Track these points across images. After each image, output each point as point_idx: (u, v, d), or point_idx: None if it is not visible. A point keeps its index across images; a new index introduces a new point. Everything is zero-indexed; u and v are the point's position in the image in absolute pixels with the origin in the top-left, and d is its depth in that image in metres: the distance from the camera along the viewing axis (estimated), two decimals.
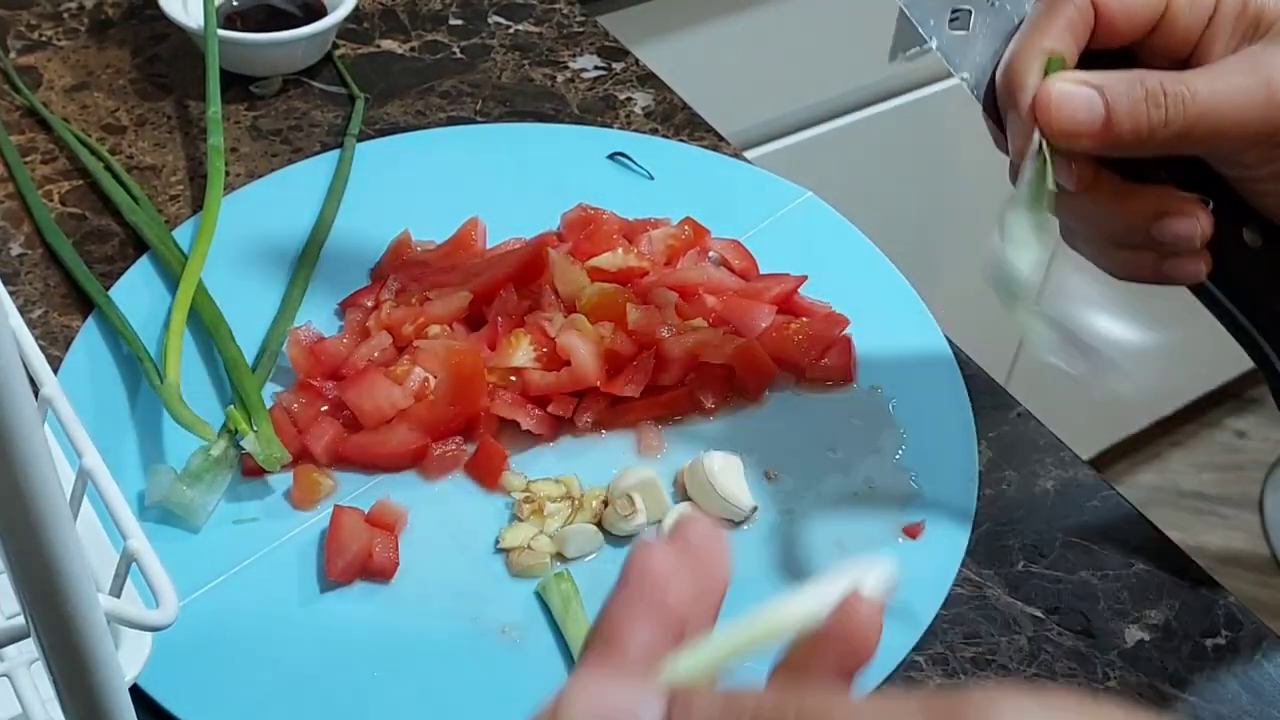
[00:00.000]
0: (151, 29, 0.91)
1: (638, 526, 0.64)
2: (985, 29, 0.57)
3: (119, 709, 0.35)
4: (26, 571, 0.31)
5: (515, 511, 0.65)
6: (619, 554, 0.64)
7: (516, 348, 0.68)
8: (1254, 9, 0.54)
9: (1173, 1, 0.54)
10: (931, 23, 0.56)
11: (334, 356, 0.69)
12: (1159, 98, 0.51)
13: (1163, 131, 0.52)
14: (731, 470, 0.65)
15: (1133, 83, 0.52)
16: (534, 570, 0.63)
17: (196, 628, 0.59)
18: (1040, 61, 0.53)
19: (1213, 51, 0.54)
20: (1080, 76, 0.53)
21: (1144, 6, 0.54)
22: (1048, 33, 0.54)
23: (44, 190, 0.80)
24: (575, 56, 0.91)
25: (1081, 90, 0.52)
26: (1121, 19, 0.54)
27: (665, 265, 0.74)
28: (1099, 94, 0.52)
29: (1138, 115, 0.52)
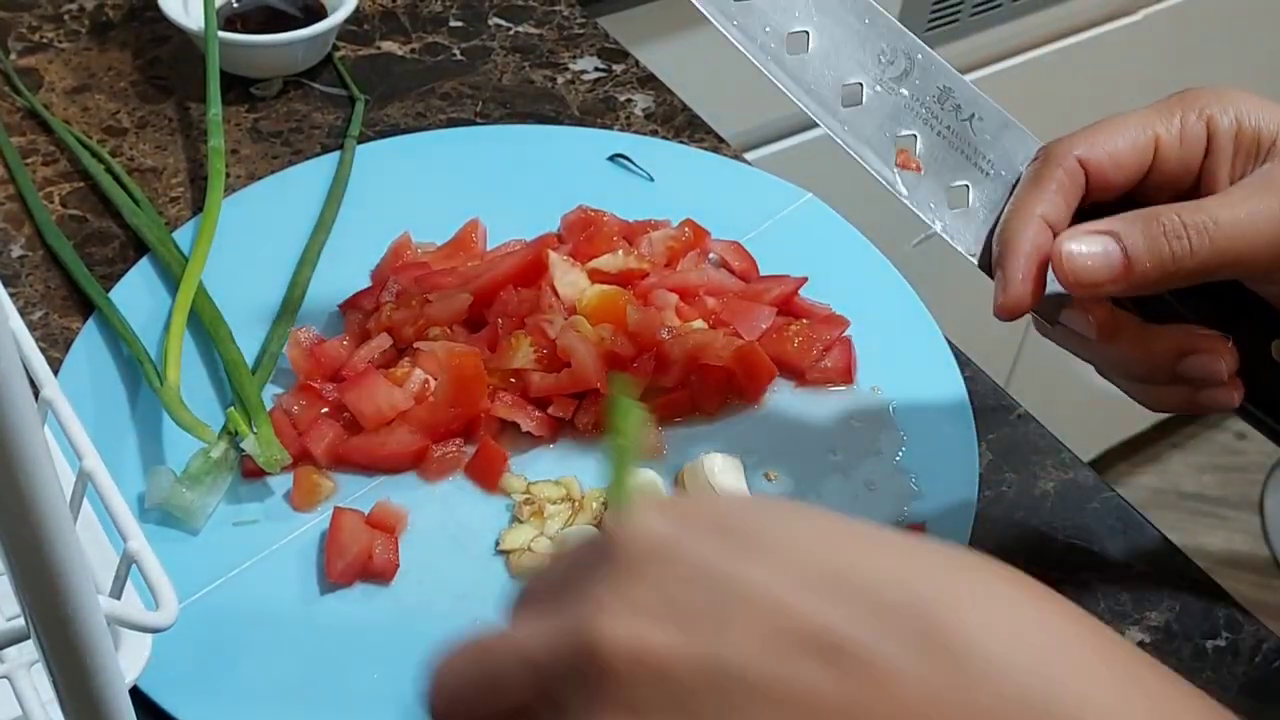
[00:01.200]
0: (152, 31, 0.91)
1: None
2: (981, 200, 0.57)
3: (119, 711, 0.35)
4: (26, 573, 0.31)
5: (515, 513, 0.65)
6: None
7: (517, 349, 0.68)
8: (1250, 131, 0.54)
9: (1161, 143, 0.54)
10: (932, 207, 0.57)
11: (334, 358, 0.69)
12: (1179, 230, 0.52)
13: (1189, 262, 0.52)
14: (731, 472, 0.65)
15: (1148, 220, 0.52)
16: (534, 572, 0.63)
17: (197, 629, 0.59)
18: (1031, 226, 0.54)
19: (1218, 180, 0.54)
20: (1090, 226, 0.53)
21: (1133, 154, 0.54)
22: (1039, 198, 0.54)
23: (45, 192, 0.80)
24: (575, 58, 0.91)
25: (1094, 239, 0.52)
26: (1113, 171, 0.54)
27: (665, 267, 0.74)
28: (1113, 239, 0.52)
29: (1159, 251, 0.52)
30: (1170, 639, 0.63)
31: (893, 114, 0.57)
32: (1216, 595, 0.64)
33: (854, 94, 0.57)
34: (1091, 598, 0.64)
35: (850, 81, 0.57)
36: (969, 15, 1.35)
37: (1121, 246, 0.52)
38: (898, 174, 0.57)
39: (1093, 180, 0.55)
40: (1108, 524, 0.67)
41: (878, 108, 0.57)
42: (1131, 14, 1.49)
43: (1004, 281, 0.54)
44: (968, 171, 0.57)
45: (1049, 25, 1.43)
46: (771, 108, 1.26)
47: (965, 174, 0.57)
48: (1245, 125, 0.54)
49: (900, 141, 0.57)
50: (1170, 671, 0.32)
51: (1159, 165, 0.55)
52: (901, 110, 0.57)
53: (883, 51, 0.57)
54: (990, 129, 0.57)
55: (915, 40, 0.57)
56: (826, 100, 0.57)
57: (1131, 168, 0.54)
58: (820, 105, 0.57)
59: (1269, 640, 0.63)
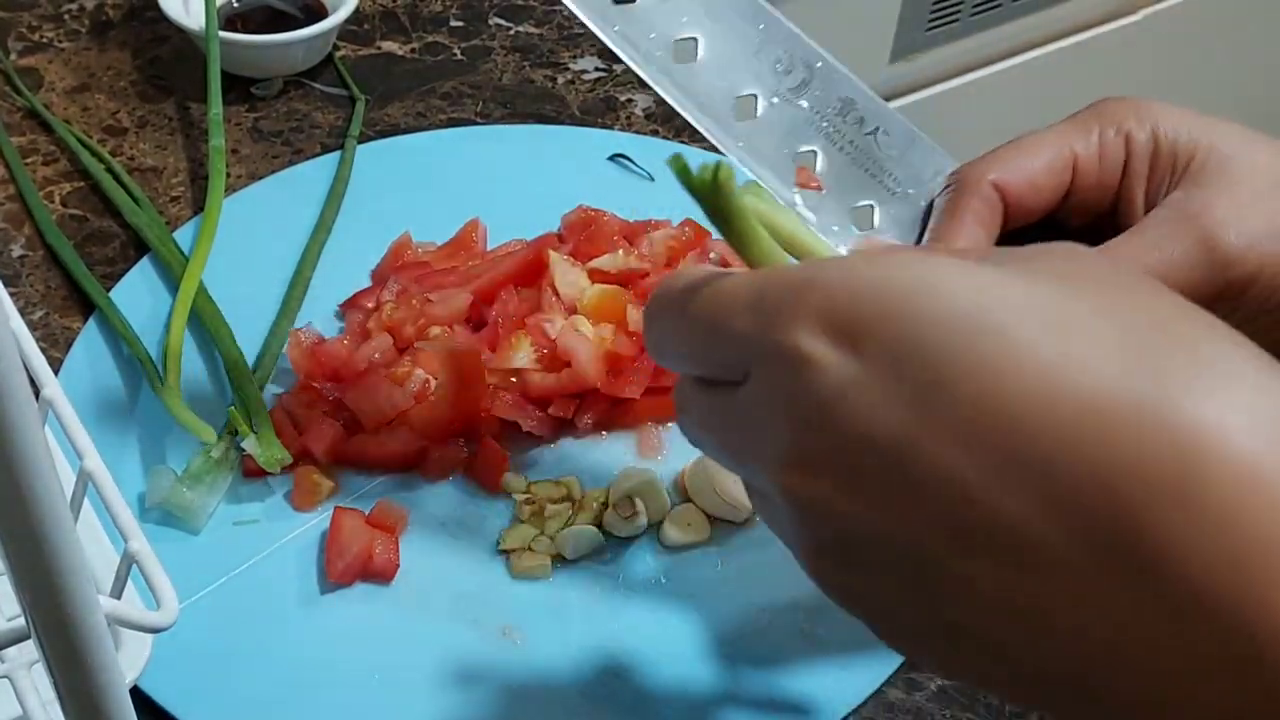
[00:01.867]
0: (152, 30, 0.91)
1: (638, 528, 0.64)
2: (889, 220, 0.54)
3: (119, 711, 0.35)
4: (27, 573, 0.31)
5: (516, 513, 0.65)
6: (619, 556, 0.64)
7: (517, 349, 0.68)
8: (1166, 148, 0.51)
9: (1079, 162, 0.51)
10: (835, 229, 0.53)
11: (335, 358, 0.69)
12: None
13: None
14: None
15: None
16: (534, 572, 0.63)
17: (197, 629, 0.59)
18: None
19: (1134, 199, 0.51)
20: None
21: (1049, 177, 0.51)
22: (957, 232, 0.51)
23: (45, 192, 0.80)
24: (576, 58, 0.91)
25: None
26: (1029, 196, 0.51)
27: (666, 267, 0.74)
28: None
29: None
30: None
31: (791, 128, 0.53)
32: None
33: (748, 107, 0.52)
34: None
35: (744, 93, 0.52)
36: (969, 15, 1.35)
37: None
38: (797, 193, 0.53)
39: (1010, 206, 0.52)
40: None
41: (775, 121, 0.53)
42: (1131, 14, 1.49)
43: None
44: (873, 190, 0.53)
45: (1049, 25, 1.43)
46: None
47: (870, 193, 0.53)
48: (1162, 142, 0.51)
49: (799, 159, 0.53)
50: None
51: (1077, 186, 0.52)
52: (801, 124, 0.53)
53: (779, 60, 0.53)
54: (896, 144, 0.54)
55: (815, 47, 0.53)
56: (719, 114, 0.52)
57: (1049, 191, 0.52)
58: (713, 120, 0.52)
59: None
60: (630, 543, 0.64)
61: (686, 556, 0.64)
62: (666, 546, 0.64)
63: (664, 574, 0.63)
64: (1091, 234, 0.51)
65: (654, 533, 0.65)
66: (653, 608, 0.62)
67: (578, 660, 0.60)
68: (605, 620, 0.61)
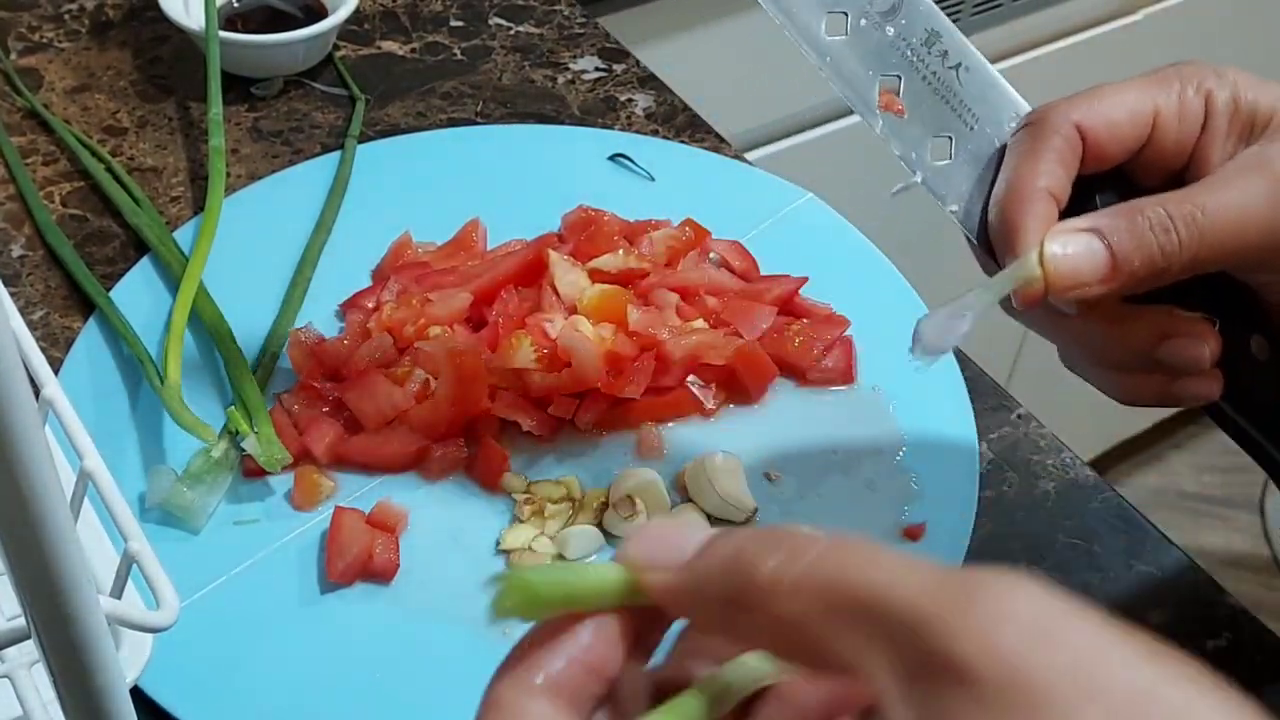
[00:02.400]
0: (152, 30, 0.91)
1: (638, 528, 0.64)
2: (966, 155, 0.54)
3: (120, 710, 0.35)
4: (27, 573, 0.31)
5: (516, 513, 0.65)
6: None
7: (517, 349, 0.68)
8: (1246, 109, 0.51)
9: (1160, 116, 0.51)
10: (914, 155, 0.54)
11: (335, 358, 0.69)
12: (1166, 223, 0.48)
13: (1179, 257, 0.48)
14: (732, 471, 0.65)
15: (1131, 216, 0.49)
16: None
17: (197, 629, 0.59)
18: (1038, 202, 0.50)
19: (1210, 159, 0.51)
20: (1074, 224, 0.49)
21: (1131, 126, 0.51)
22: (1040, 169, 0.50)
23: (45, 192, 0.80)
24: (576, 58, 0.91)
25: (1078, 238, 0.49)
26: (1109, 142, 0.51)
27: (666, 266, 0.74)
28: (1097, 237, 0.49)
29: (1146, 248, 0.48)
30: (1171, 639, 0.62)
31: (877, 51, 0.53)
32: (1217, 595, 0.64)
33: (838, 23, 0.53)
34: (1092, 598, 0.64)
35: (835, 9, 0.53)
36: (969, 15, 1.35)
37: (1107, 244, 0.48)
38: (880, 115, 0.53)
39: (1089, 150, 0.51)
40: (1108, 524, 0.67)
41: (861, 42, 0.53)
42: (1131, 14, 1.49)
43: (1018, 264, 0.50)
44: (952, 123, 0.54)
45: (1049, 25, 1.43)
46: (772, 108, 1.26)
47: (950, 125, 0.54)
48: (1241, 103, 0.51)
49: (884, 81, 0.54)
50: None
51: (1155, 140, 0.51)
52: (886, 49, 0.53)
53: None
54: (977, 83, 0.54)
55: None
56: (809, 29, 0.53)
57: (1129, 140, 0.51)
58: (802, 33, 0.53)
59: (1270, 640, 0.63)
60: None
61: None
62: None
63: None
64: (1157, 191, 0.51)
65: None
66: None
67: None
68: None
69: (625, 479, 0.65)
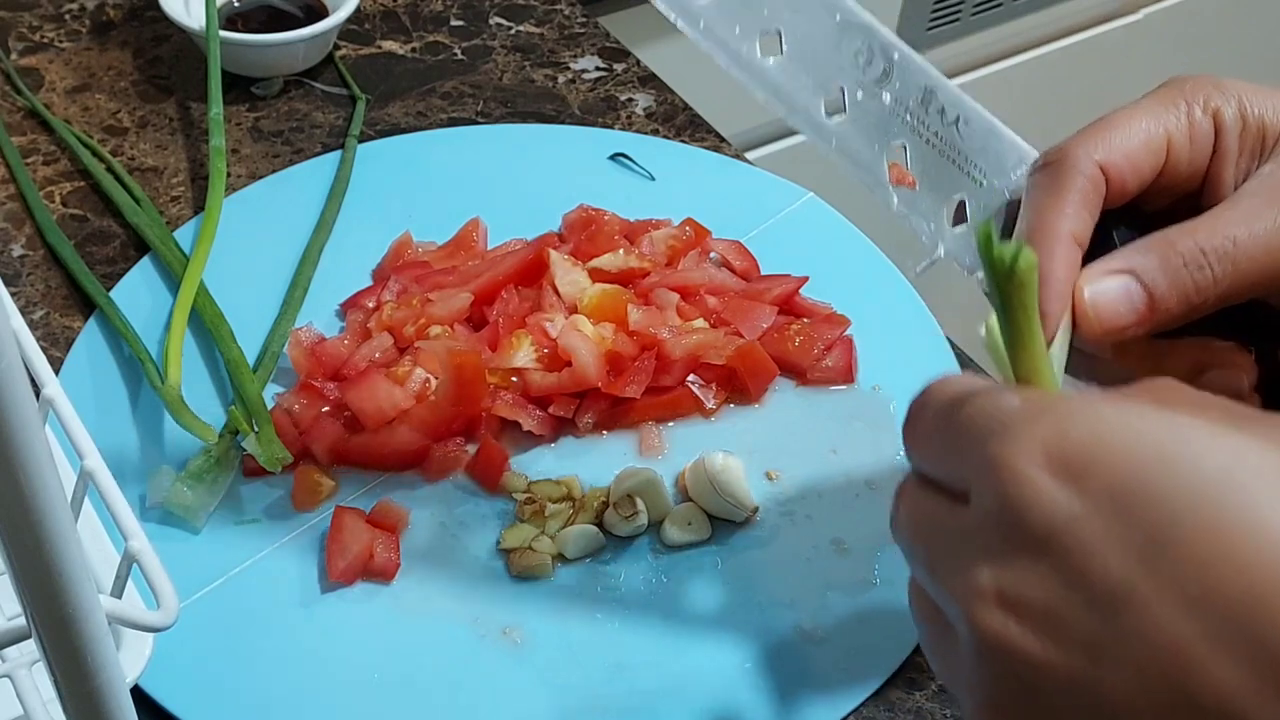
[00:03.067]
0: (153, 30, 0.91)
1: (638, 527, 0.64)
2: (980, 214, 0.53)
3: (120, 710, 0.35)
4: (28, 573, 0.31)
5: (516, 512, 0.65)
6: (620, 555, 0.64)
7: (518, 348, 0.68)
8: (1254, 124, 0.50)
9: (1172, 141, 0.50)
10: (930, 227, 0.52)
11: (335, 357, 0.69)
12: (1199, 258, 0.47)
13: (1214, 291, 0.47)
14: (733, 471, 0.65)
15: (1164, 252, 0.48)
16: (535, 571, 0.63)
17: (198, 629, 0.59)
18: (1064, 250, 0.49)
19: (1224, 179, 0.50)
20: (1106, 266, 0.48)
21: (1148, 155, 0.50)
22: (1064, 214, 0.49)
23: (45, 192, 0.80)
24: (576, 57, 0.91)
25: (1113, 280, 0.48)
26: (1131, 177, 0.50)
27: (666, 266, 0.74)
28: (1133, 279, 0.48)
29: (1183, 285, 0.47)
30: None
31: (878, 123, 0.52)
32: None
33: (836, 102, 0.52)
34: None
35: (832, 88, 0.52)
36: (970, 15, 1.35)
37: (1142, 285, 0.47)
38: (893, 191, 0.52)
39: (1111, 188, 0.50)
40: None
41: (862, 116, 0.52)
42: (1133, 13, 1.49)
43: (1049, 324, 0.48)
44: (961, 182, 0.53)
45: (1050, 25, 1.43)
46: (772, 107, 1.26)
47: (960, 185, 0.53)
48: (1249, 118, 0.50)
49: (890, 154, 0.52)
50: None
51: (1170, 167, 0.50)
52: (887, 118, 0.52)
53: (859, 51, 0.52)
54: (977, 134, 0.52)
55: (890, 36, 0.53)
56: (810, 114, 0.52)
57: (1146, 172, 0.50)
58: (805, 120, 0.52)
59: None
60: (631, 542, 0.64)
61: (687, 556, 0.64)
62: (667, 546, 0.64)
63: (664, 573, 0.63)
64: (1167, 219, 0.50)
65: (654, 532, 0.65)
66: (653, 607, 0.62)
67: (578, 660, 0.60)
68: (605, 620, 0.61)
69: (626, 478, 0.65)
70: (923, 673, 0.61)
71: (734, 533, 0.65)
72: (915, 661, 0.61)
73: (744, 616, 0.62)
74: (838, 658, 0.60)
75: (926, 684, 0.60)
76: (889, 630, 0.62)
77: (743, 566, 0.64)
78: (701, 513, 0.65)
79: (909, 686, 0.60)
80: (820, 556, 0.64)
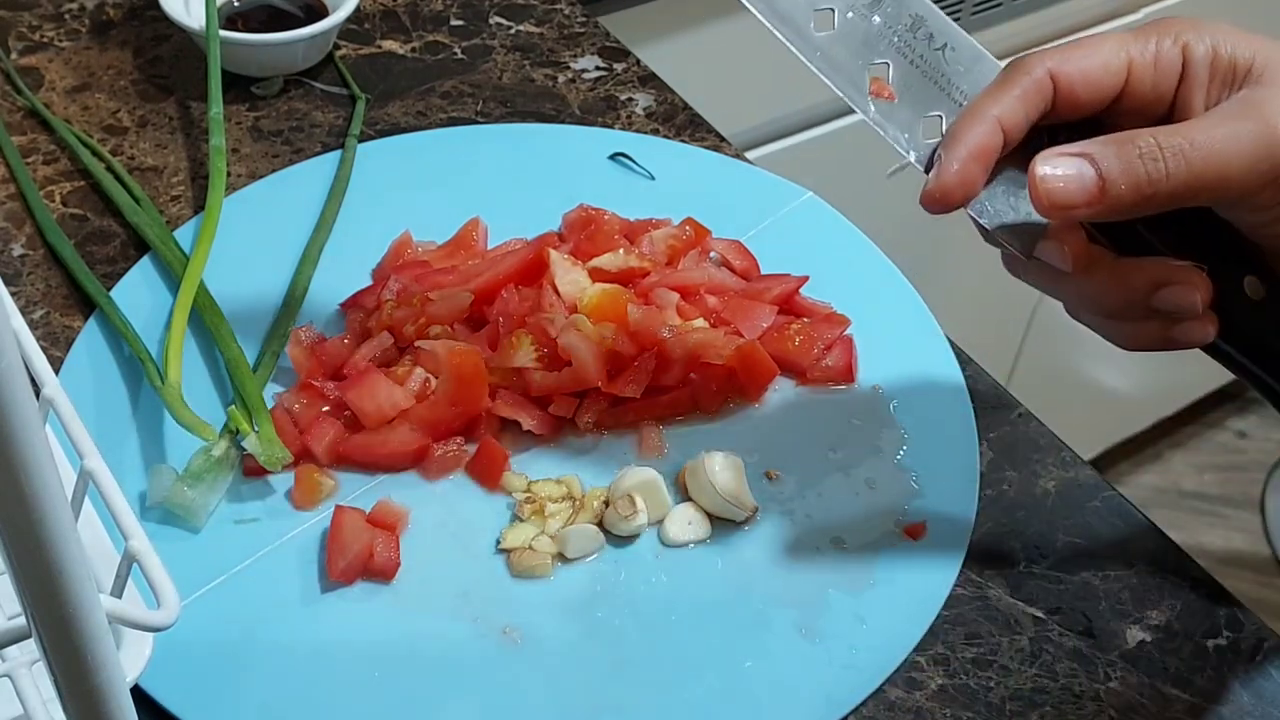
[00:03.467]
0: (153, 30, 0.91)
1: (638, 527, 0.64)
2: None
3: (120, 709, 0.35)
4: (28, 572, 0.31)
5: (516, 512, 0.65)
6: (620, 554, 0.64)
7: (518, 348, 0.68)
8: (1226, 59, 0.53)
9: (1134, 64, 0.53)
10: (906, 137, 0.56)
11: (335, 357, 0.69)
12: (1155, 152, 0.50)
13: (1165, 185, 0.50)
14: (732, 470, 0.65)
15: (1122, 143, 0.51)
16: (535, 570, 0.63)
17: (198, 628, 0.59)
18: (981, 123, 0.52)
19: (1192, 108, 0.53)
20: (1064, 149, 0.51)
21: (1105, 73, 0.53)
22: (997, 100, 0.53)
23: (45, 191, 0.80)
24: (576, 57, 0.91)
25: (1068, 161, 0.51)
26: (1082, 88, 0.53)
27: (666, 266, 0.74)
28: (1087, 161, 0.51)
29: (1134, 174, 0.50)
30: (1171, 638, 0.63)
31: (865, 41, 0.56)
32: (1217, 594, 0.64)
33: (825, 19, 0.55)
34: (1092, 597, 0.64)
35: (822, 6, 0.55)
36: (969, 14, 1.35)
37: (1096, 169, 0.51)
38: (871, 102, 0.55)
39: (1061, 96, 0.53)
40: (1108, 523, 0.67)
41: (850, 34, 0.56)
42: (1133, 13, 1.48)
43: (938, 170, 0.53)
44: (941, 102, 0.56)
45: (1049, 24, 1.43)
46: (772, 106, 1.26)
47: (939, 104, 0.56)
48: (1221, 53, 0.53)
49: (873, 69, 0.56)
50: None
51: (1131, 89, 0.53)
52: (874, 38, 0.56)
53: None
54: (963, 60, 0.56)
55: None
56: (799, 26, 0.55)
57: (1103, 88, 0.53)
58: (793, 30, 0.55)
59: (1270, 639, 0.63)
60: (631, 541, 0.64)
61: (687, 555, 0.64)
62: (667, 545, 0.64)
63: (665, 572, 0.63)
64: None
65: (654, 531, 0.65)
66: (653, 606, 0.62)
67: (578, 660, 0.60)
68: (605, 620, 0.61)
69: (625, 477, 0.65)
70: (923, 672, 0.61)
71: (734, 532, 0.65)
72: (915, 661, 0.61)
73: (744, 615, 0.62)
74: (838, 658, 0.60)
75: (926, 684, 0.60)
76: (889, 630, 0.62)
77: (743, 566, 0.64)
78: (701, 512, 0.65)
79: (909, 686, 0.60)
80: (820, 556, 0.64)
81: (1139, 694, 0.60)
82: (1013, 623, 0.63)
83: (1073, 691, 0.60)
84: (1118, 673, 0.61)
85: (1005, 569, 0.65)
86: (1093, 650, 0.62)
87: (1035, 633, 0.62)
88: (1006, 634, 0.62)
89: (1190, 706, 0.60)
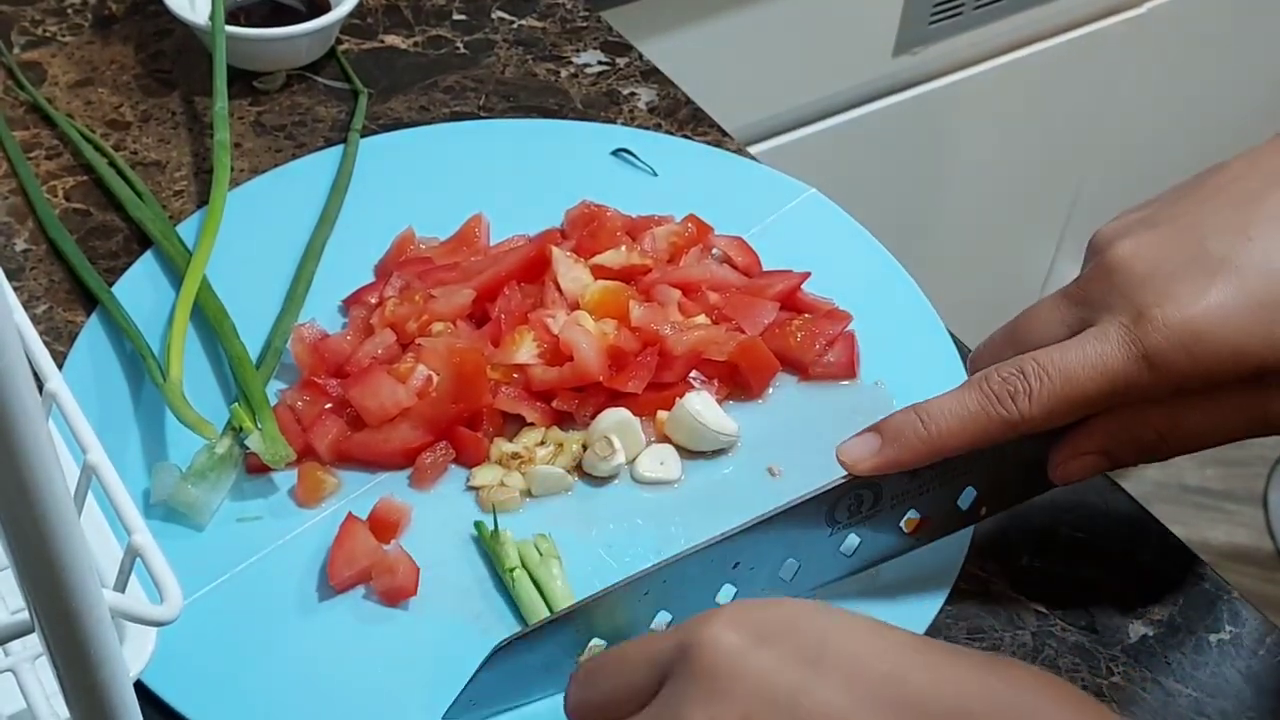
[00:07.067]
0: (155, 24, 0.91)
1: (616, 467, 0.65)
2: None
3: (124, 705, 0.35)
4: (31, 567, 0.31)
5: (497, 459, 0.66)
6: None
7: (520, 344, 0.68)
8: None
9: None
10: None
11: (338, 354, 0.69)
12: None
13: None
14: (709, 406, 0.67)
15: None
16: (505, 507, 0.63)
17: (201, 625, 0.59)
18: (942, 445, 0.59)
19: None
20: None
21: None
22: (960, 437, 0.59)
23: (48, 186, 0.80)
24: (579, 52, 0.91)
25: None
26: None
27: (668, 262, 0.74)
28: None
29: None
30: (1174, 633, 0.63)
31: None
32: (1220, 589, 0.64)
33: None
34: (1095, 592, 0.64)
35: None
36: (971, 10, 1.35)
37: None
38: None
39: None
40: (1111, 518, 0.67)
41: None
42: (1136, 7, 1.48)
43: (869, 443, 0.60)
44: None
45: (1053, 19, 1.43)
46: (775, 102, 1.26)
47: None
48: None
49: None
50: None
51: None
52: None
53: None
54: None
55: None
56: None
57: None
58: None
59: (1272, 634, 0.63)
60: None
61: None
62: (637, 481, 0.66)
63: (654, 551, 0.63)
64: None
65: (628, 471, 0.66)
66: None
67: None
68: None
69: (602, 419, 0.66)
70: None
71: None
72: None
73: None
74: None
75: None
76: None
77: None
78: (675, 453, 0.67)
79: None
80: None
81: (1142, 689, 0.60)
82: (1015, 618, 0.63)
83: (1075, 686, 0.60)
84: (1120, 668, 0.61)
85: (1008, 564, 0.65)
86: (1095, 645, 0.62)
87: (1038, 628, 0.62)
88: (1009, 629, 0.62)
89: (1193, 701, 0.60)
